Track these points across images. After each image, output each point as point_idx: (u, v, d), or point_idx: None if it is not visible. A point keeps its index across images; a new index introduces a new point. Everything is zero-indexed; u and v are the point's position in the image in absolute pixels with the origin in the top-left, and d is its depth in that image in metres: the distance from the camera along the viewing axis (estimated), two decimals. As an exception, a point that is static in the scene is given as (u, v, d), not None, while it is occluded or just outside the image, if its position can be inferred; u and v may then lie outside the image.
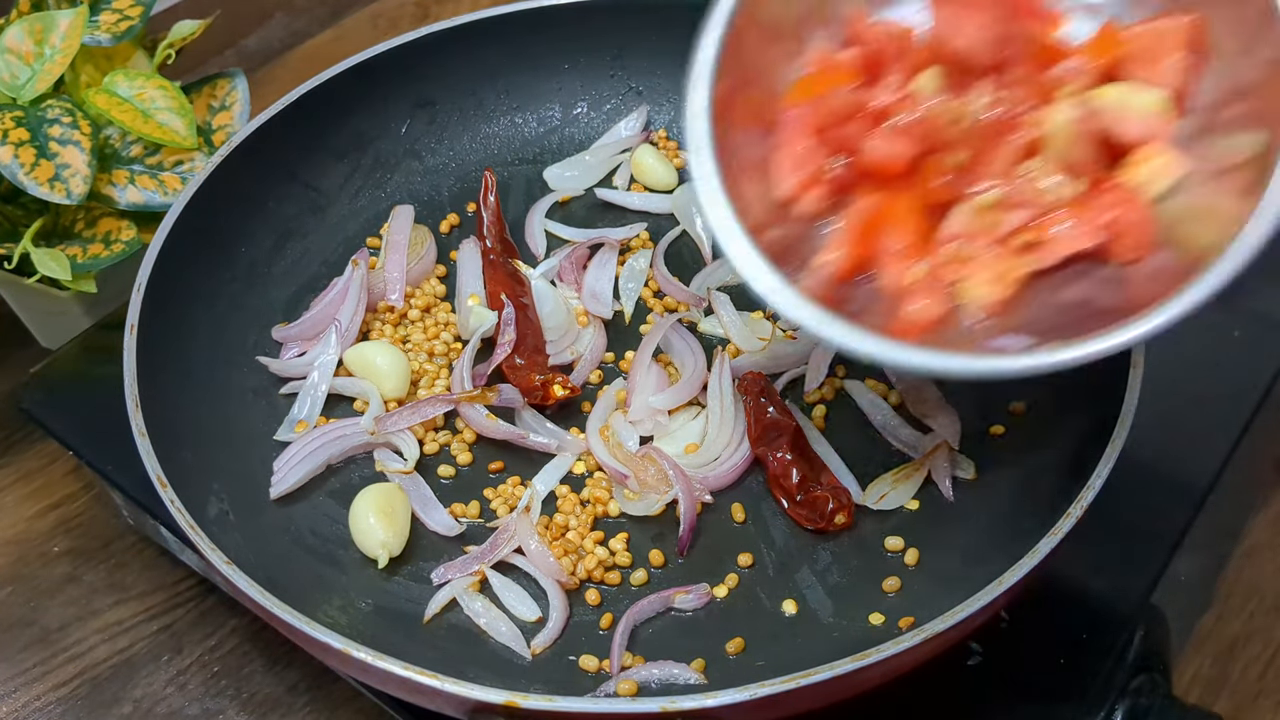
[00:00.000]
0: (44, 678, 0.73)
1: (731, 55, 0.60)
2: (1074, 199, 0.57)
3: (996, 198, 0.58)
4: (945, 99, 0.58)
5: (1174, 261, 0.55)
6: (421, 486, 0.69)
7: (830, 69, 0.62)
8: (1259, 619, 0.78)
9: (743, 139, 0.61)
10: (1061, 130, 0.57)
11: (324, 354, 0.74)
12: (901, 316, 0.58)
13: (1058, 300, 0.58)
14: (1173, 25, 0.58)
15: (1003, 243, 0.58)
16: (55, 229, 0.81)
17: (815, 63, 0.63)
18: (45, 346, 0.89)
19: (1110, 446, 0.59)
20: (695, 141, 0.58)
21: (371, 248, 0.81)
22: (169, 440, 0.64)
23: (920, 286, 0.59)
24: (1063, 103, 0.57)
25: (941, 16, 0.58)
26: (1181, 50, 0.57)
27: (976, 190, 0.58)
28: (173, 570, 0.77)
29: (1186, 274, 0.52)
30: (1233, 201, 0.52)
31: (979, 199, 0.58)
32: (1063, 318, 0.58)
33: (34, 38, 0.80)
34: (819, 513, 0.66)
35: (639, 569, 0.66)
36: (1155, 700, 0.63)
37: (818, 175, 0.61)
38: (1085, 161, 0.57)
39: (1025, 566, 0.56)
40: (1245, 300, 0.81)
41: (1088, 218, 0.57)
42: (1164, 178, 0.57)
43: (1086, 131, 0.57)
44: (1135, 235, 0.57)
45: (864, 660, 0.52)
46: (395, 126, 0.85)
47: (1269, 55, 0.53)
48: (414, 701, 0.59)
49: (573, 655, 0.63)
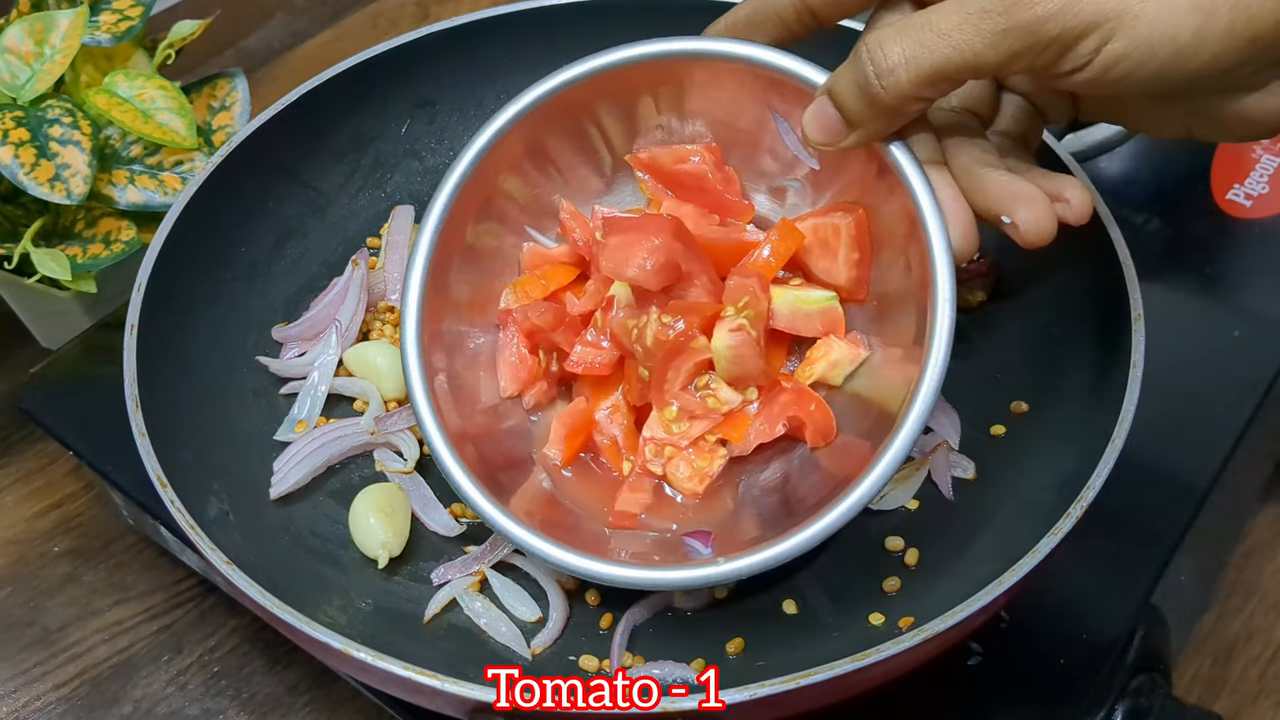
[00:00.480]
0: (44, 678, 0.73)
1: (440, 273, 0.64)
2: (761, 397, 0.64)
3: (675, 413, 0.63)
4: (627, 315, 0.63)
5: (867, 435, 0.60)
6: (421, 486, 0.69)
7: (540, 268, 0.68)
8: (1259, 619, 0.78)
9: (458, 345, 0.66)
10: (723, 353, 0.62)
11: (324, 354, 0.74)
12: (616, 507, 0.63)
13: (764, 484, 0.64)
14: (842, 219, 0.63)
15: (695, 444, 0.63)
16: (55, 229, 0.81)
17: (528, 258, 0.69)
18: (45, 346, 0.90)
19: (1110, 446, 0.59)
20: (409, 364, 0.62)
21: (371, 248, 0.81)
22: (169, 440, 0.64)
23: (632, 479, 0.64)
24: (723, 327, 0.62)
25: (606, 250, 0.62)
26: (852, 242, 0.62)
27: (662, 401, 0.63)
28: (173, 570, 0.77)
29: (877, 447, 0.56)
30: (913, 373, 0.56)
31: (663, 413, 0.63)
32: (775, 499, 0.63)
33: (34, 38, 0.80)
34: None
35: (639, 569, 0.66)
36: (1155, 700, 0.63)
37: (535, 374, 0.66)
38: (753, 373, 0.63)
39: (1025, 566, 0.56)
40: (1245, 300, 0.81)
41: (768, 416, 0.63)
42: (840, 369, 0.64)
43: (754, 343, 0.62)
44: (815, 426, 0.63)
45: (864, 660, 0.52)
46: (395, 126, 0.85)
47: (917, 253, 0.57)
48: (414, 701, 0.59)
49: (573, 655, 0.63)
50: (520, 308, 0.67)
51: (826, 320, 0.64)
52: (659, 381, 0.63)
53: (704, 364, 0.63)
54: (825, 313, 0.64)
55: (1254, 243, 0.84)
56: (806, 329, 0.64)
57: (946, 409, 0.71)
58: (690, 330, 0.62)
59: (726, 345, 0.62)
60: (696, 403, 0.63)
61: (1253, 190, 0.86)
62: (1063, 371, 0.70)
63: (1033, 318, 0.74)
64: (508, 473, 0.64)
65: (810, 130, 0.57)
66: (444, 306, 0.65)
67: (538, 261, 0.69)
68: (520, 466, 0.65)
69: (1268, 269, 0.82)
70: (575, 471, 0.66)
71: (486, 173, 0.64)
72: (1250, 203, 0.85)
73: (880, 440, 0.56)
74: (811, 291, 0.64)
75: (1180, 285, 0.82)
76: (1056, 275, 0.74)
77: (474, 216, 0.65)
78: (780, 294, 0.64)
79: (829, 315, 0.64)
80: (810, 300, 0.64)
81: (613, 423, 0.66)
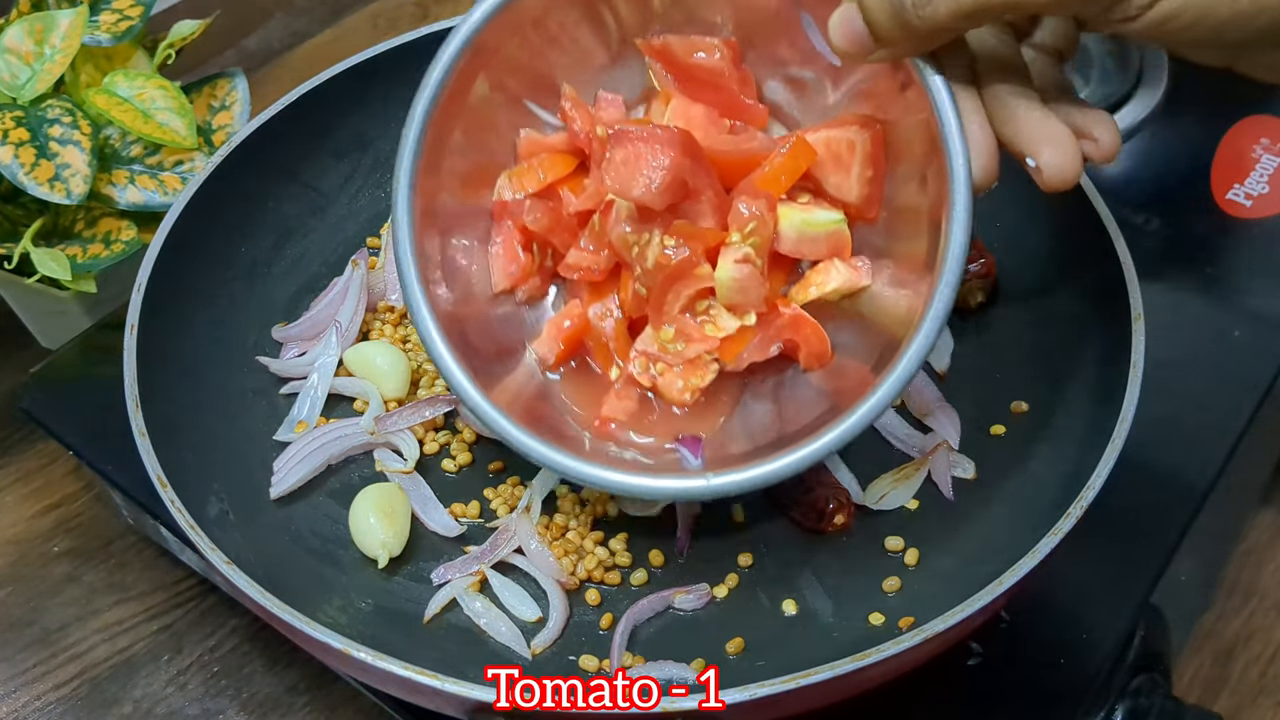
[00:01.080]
0: (44, 678, 0.73)
1: (438, 136, 0.62)
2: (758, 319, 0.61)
3: (671, 335, 0.62)
4: (629, 230, 0.61)
5: (871, 360, 0.58)
6: (421, 486, 0.69)
7: (538, 156, 0.66)
8: (1259, 619, 0.78)
9: (452, 226, 0.64)
10: (726, 283, 0.60)
11: (324, 354, 0.74)
12: (603, 410, 0.63)
13: (757, 402, 0.63)
14: (857, 134, 0.60)
15: (688, 363, 0.62)
16: (55, 229, 0.81)
17: (524, 146, 0.66)
18: (45, 346, 0.90)
19: (1110, 446, 0.59)
20: (400, 233, 0.60)
21: (371, 248, 0.81)
22: (169, 440, 0.64)
23: (620, 385, 0.63)
24: (728, 256, 0.60)
25: (611, 166, 0.60)
26: (866, 159, 0.60)
27: (659, 322, 0.62)
28: (173, 570, 0.77)
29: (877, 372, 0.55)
30: (918, 299, 0.55)
31: (659, 333, 0.62)
32: (769, 418, 0.62)
33: (34, 38, 0.80)
34: (818, 514, 0.66)
35: (639, 569, 0.66)
36: (1155, 700, 0.64)
37: (529, 271, 0.65)
38: (755, 301, 0.61)
39: (1025, 566, 0.56)
40: (1245, 300, 0.81)
41: (764, 337, 0.61)
42: (838, 294, 0.62)
43: (759, 274, 0.60)
44: (810, 349, 0.61)
45: (864, 660, 0.52)
46: (395, 126, 0.84)
47: (937, 168, 0.55)
48: (414, 701, 0.59)
49: (573, 655, 0.63)
50: (515, 202, 0.64)
51: (833, 243, 0.61)
52: (658, 303, 0.61)
53: (705, 291, 0.61)
54: (832, 235, 0.61)
55: (1254, 243, 0.84)
56: (812, 252, 0.62)
57: (946, 409, 0.71)
58: (694, 257, 0.60)
59: (731, 276, 0.60)
60: (695, 327, 0.61)
61: (1253, 190, 0.86)
62: (1063, 371, 0.70)
63: (1033, 318, 0.74)
64: (498, 362, 0.62)
65: (835, 37, 0.53)
66: (440, 180, 0.62)
67: (535, 149, 0.66)
68: (511, 355, 0.64)
69: (1268, 269, 0.82)
70: (565, 372, 0.64)
71: (492, 36, 0.60)
72: (1250, 203, 0.85)
73: (884, 365, 0.54)
74: (819, 213, 0.61)
75: (1180, 285, 0.82)
76: (1056, 275, 0.74)
77: (477, 81, 0.62)
78: (787, 214, 0.61)
79: (836, 238, 0.61)
80: (818, 223, 0.61)
81: (606, 325, 0.64)
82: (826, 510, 0.66)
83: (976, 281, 0.75)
